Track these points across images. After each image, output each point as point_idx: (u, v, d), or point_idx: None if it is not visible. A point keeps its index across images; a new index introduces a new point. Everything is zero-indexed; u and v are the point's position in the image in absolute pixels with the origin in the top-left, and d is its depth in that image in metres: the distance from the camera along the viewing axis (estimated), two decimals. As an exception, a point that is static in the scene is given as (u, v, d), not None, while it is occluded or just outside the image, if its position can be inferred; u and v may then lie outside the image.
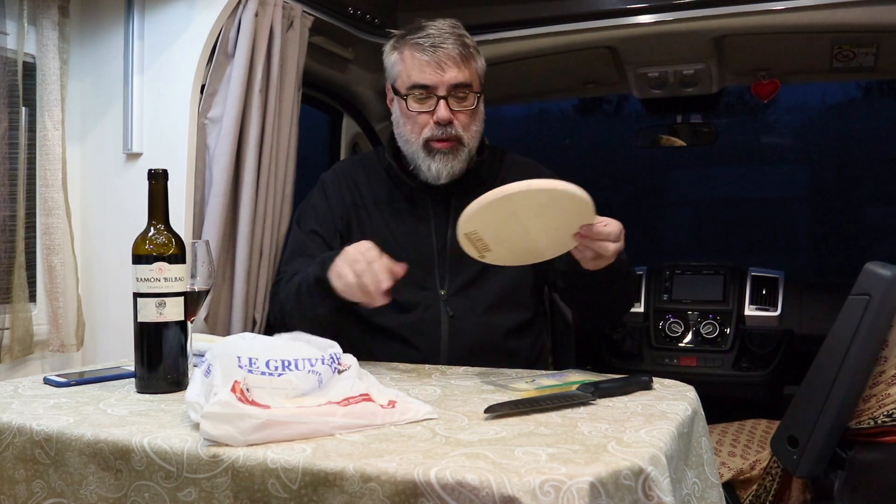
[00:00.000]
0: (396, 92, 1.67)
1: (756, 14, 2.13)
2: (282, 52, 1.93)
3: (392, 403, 1.06)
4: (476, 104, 1.64)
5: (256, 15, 1.84)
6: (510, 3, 2.31)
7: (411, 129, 1.65)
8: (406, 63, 1.63)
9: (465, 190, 1.68)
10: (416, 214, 1.71)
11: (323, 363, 1.10)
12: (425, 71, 1.60)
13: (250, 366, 1.03)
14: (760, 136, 7.46)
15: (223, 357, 1.03)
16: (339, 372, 1.13)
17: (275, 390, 1.03)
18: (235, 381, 0.98)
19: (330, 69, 2.44)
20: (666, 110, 2.96)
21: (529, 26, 2.32)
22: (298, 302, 1.56)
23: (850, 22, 2.11)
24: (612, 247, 1.36)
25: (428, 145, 1.64)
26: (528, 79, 2.76)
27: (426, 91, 1.61)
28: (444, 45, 1.59)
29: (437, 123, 1.61)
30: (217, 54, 1.84)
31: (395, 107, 1.69)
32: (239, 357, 1.03)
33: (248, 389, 0.99)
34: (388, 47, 1.69)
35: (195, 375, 1.07)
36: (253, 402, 0.97)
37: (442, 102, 1.60)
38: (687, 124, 2.94)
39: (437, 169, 1.63)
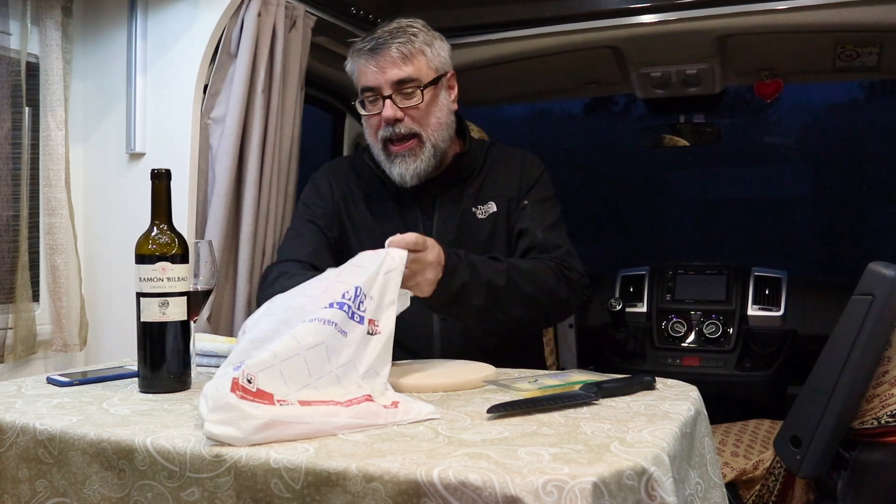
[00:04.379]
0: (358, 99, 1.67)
1: (759, 14, 2.13)
2: (284, 51, 1.93)
3: (395, 404, 1.06)
4: (426, 98, 1.61)
5: (259, 15, 1.84)
6: (512, 3, 2.31)
7: (369, 133, 1.67)
8: (356, 70, 1.64)
9: (445, 186, 1.69)
10: (403, 214, 1.70)
11: (341, 308, 1.11)
12: (368, 73, 1.61)
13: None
14: (763, 136, 7.44)
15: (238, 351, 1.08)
16: (371, 334, 1.13)
17: (284, 363, 1.03)
18: (234, 380, 0.97)
19: (332, 69, 2.44)
20: (669, 110, 2.95)
21: (531, 26, 2.31)
22: None
23: (853, 22, 2.11)
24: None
25: (387, 148, 1.63)
26: (531, 79, 2.76)
27: (373, 93, 1.61)
28: (385, 45, 1.59)
29: (386, 123, 1.60)
30: (220, 54, 1.84)
31: None
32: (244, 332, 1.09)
33: (249, 381, 0.98)
34: (348, 57, 1.69)
35: (220, 370, 1.07)
36: (257, 392, 0.97)
37: (387, 102, 1.59)
38: (690, 124, 2.94)
39: (399, 173, 1.63)
